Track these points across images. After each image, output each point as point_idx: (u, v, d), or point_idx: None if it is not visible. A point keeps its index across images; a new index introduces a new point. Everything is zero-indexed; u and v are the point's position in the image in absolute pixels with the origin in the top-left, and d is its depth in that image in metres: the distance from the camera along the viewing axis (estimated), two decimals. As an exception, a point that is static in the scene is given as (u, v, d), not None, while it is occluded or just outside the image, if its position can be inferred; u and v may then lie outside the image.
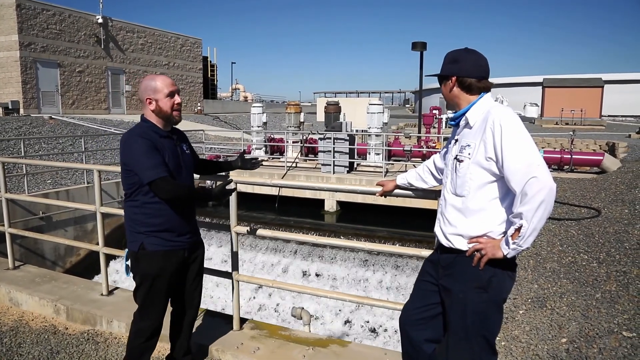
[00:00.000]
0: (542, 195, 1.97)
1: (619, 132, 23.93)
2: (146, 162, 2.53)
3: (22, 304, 4.40)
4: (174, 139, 2.78)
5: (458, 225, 2.24)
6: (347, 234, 11.21)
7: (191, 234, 2.87)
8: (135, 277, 2.80)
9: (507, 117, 2.09)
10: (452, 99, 2.33)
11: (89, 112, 23.53)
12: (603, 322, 4.26)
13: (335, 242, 5.59)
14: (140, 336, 2.84)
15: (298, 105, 16.43)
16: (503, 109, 2.15)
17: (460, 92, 2.28)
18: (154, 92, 2.67)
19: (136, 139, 2.59)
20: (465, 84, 2.25)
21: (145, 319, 2.82)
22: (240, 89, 58.59)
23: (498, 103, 2.24)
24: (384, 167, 12.81)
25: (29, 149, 13.43)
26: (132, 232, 2.73)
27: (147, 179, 2.53)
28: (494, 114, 2.12)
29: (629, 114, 43.34)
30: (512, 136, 2.05)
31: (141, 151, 2.55)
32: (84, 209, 4.81)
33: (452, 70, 2.27)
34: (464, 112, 2.27)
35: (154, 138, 2.63)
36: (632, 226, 6.71)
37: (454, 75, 2.26)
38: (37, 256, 9.49)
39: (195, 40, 32.48)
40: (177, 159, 2.74)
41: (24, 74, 20.76)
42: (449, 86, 2.30)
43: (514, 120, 2.08)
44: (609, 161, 12.35)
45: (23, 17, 20.59)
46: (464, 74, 2.24)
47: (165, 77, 2.72)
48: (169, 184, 2.57)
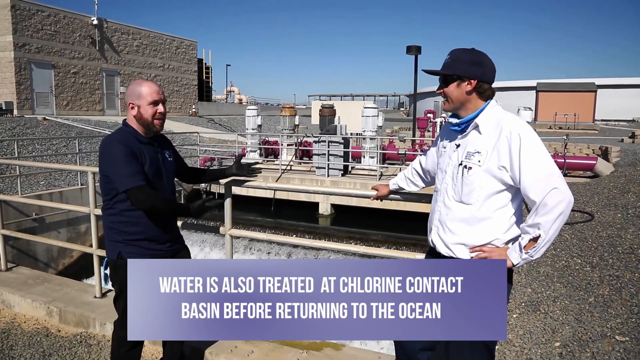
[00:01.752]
0: (562, 207, 1.94)
1: (612, 136, 24.07)
2: (123, 170, 2.47)
3: (14, 306, 4.37)
4: (155, 146, 2.70)
5: (461, 234, 2.18)
6: (342, 237, 11.21)
7: (172, 242, 2.81)
8: (114, 286, 2.74)
9: (525, 127, 2.05)
10: (464, 102, 2.19)
11: (83, 114, 23.45)
12: (596, 326, 4.28)
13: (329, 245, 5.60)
14: (124, 345, 2.77)
15: (293, 108, 16.46)
16: (518, 118, 2.10)
17: (474, 96, 2.17)
18: (137, 98, 2.59)
19: (115, 144, 2.52)
20: (483, 89, 2.16)
21: (126, 328, 2.77)
22: (235, 91, 58.59)
23: (505, 112, 2.18)
24: (379, 170, 12.84)
25: (23, 150, 13.36)
26: (110, 241, 2.67)
27: (123, 187, 2.48)
28: (510, 123, 2.07)
29: (622, 118, 43.62)
30: (531, 146, 2.00)
31: (119, 158, 2.48)
32: (77, 210, 4.79)
33: (476, 74, 2.14)
34: (473, 118, 2.18)
35: (133, 144, 2.56)
36: (624, 230, 6.74)
37: (477, 79, 2.14)
38: (30, 258, 9.44)
39: (191, 42, 32.47)
40: (157, 166, 2.67)
41: (18, 74, 20.68)
42: (464, 88, 2.16)
43: (532, 131, 2.04)
44: (602, 165, 12.43)
45: (17, 18, 20.52)
46: (486, 79, 2.16)
47: (152, 84, 2.64)
48: (145, 193, 2.49)
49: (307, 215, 12.94)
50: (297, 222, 12.65)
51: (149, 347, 3.59)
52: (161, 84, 29.55)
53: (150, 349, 3.57)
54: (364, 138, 13.96)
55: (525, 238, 2.01)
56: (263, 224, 12.41)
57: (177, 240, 2.90)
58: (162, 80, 29.62)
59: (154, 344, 3.63)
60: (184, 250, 2.96)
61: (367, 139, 13.81)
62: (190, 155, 16.11)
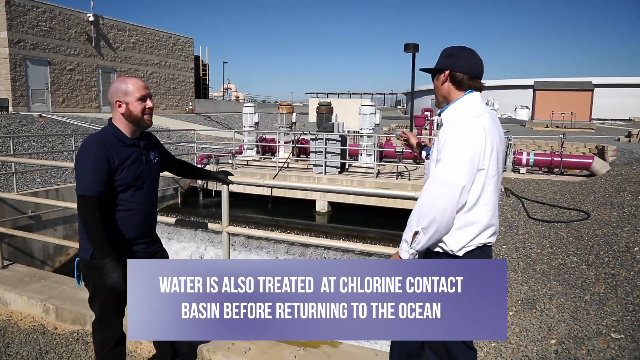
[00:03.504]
0: (424, 212, 2.11)
1: (609, 135, 24.14)
2: (86, 175, 2.44)
3: (10, 303, 4.36)
4: (140, 147, 2.65)
5: (411, 223, 2.26)
6: (339, 234, 11.22)
7: (147, 244, 2.76)
8: (87, 287, 2.71)
9: (455, 129, 2.13)
10: (443, 94, 2.33)
11: (79, 111, 23.37)
12: (592, 324, 4.30)
13: (326, 242, 5.61)
14: (106, 345, 2.73)
15: (290, 105, 16.42)
16: (462, 118, 2.17)
17: (451, 87, 2.28)
18: (124, 95, 2.55)
19: (90, 147, 2.48)
20: (457, 79, 2.25)
21: (105, 329, 2.72)
22: (232, 88, 58.46)
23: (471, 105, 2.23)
24: (376, 168, 12.84)
25: (18, 147, 13.31)
26: (83, 240, 2.62)
27: (77, 190, 2.46)
28: (452, 121, 2.19)
29: (618, 117, 43.77)
30: (449, 148, 2.10)
31: (87, 162, 2.45)
32: (73, 208, 4.76)
33: (446, 64, 2.27)
34: (443, 111, 2.32)
35: (115, 147, 2.52)
36: (620, 229, 6.77)
37: (448, 69, 2.26)
38: (26, 255, 9.41)
39: (187, 39, 32.37)
40: (139, 169, 2.62)
41: (14, 71, 20.57)
42: (441, 80, 2.30)
43: (460, 134, 2.11)
44: (598, 164, 12.46)
45: (12, 14, 20.40)
46: (457, 68, 2.24)
47: (137, 80, 2.60)
48: (89, 206, 2.44)
49: (304, 213, 12.94)
50: (294, 219, 12.64)
51: (146, 345, 3.59)
52: (158, 81, 29.47)
53: (147, 346, 3.57)
54: (361, 136, 13.96)
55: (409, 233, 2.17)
56: (260, 221, 12.40)
57: (154, 242, 2.86)
58: (158, 77, 29.53)
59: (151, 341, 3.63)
60: (160, 252, 2.90)
61: (364, 136, 13.80)
62: (187, 153, 16.08)
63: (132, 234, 2.65)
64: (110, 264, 2.44)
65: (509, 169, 13.41)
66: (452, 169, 2.06)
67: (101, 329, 2.72)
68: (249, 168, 14.66)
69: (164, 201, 13.58)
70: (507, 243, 6.71)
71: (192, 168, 3.33)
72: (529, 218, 7.97)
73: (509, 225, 7.59)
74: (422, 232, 2.10)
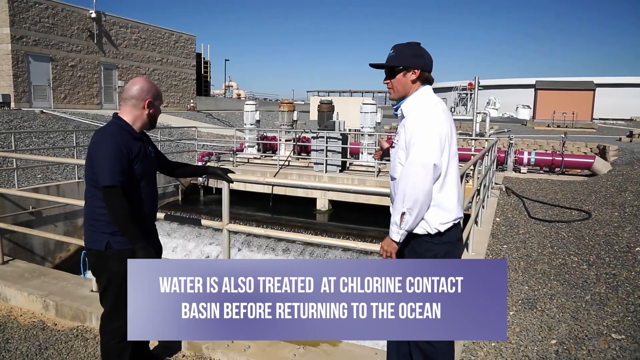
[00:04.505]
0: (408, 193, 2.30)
1: (610, 135, 24.10)
2: (109, 166, 2.52)
3: (10, 299, 4.36)
4: (144, 141, 2.80)
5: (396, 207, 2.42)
6: (339, 233, 11.21)
7: (152, 235, 2.89)
8: (100, 278, 2.74)
9: (423, 115, 2.35)
10: (407, 89, 2.49)
11: (80, 107, 23.36)
12: (592, 324, 4.29)
13: (327, 241, 5.60)
14: (115, 337, 2.76)
15: (291, 103, 16.41)
16: (425, 106, 2.40)
17: (418, 85, 2.48)
18: (154, 98, 2.73)
19: (109, 138, 2.58)
20: (424, 76, 2.48)
21: (116, 320, 2.72)
22: (234, 86, 58.45)
23: (428, 96, 2.46)
24: (376, 166, 12.83)
25: (20, 143, 13.31)
26: (94, 232, 2.67)
27: (102, 181, 2.52)
28: (415, 110, 2.40)
29: (620, 117, 43.70)
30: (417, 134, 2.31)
31: (109, 152, 2.54)
32: (74, 204, 4.77)
33: (417, 64, 2.46)
34: (402, 103, 2.50)
35: (127, 140, 2.63)
36: (621, 229, 6.76)
37: (419, 69, 2.46)
38: (26, 251, 9.41)
39: (189, 36, 32.33)
40: (147, 161, 2.76)
41: (16, 67, 20.56)
42: (409, 77, 2.47)
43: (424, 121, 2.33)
44: (599, 164, 12.45)
45: (15, 10, 20.39)
46: (427, 68, 2.48)
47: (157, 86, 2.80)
48: (117, 195, 2.53)
49: (305, 211, 12.93)
50: (295, 217, 12.63)
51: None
52: (159, 78, 29.44)
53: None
54: (362, 134, 13.94)
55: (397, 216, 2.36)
56: (261, 219, 12.39)
57: (156, 234, 3.00)
58: (160, 74, 29.51)
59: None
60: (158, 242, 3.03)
61: (366, 135, 13.79)
62: (189, 150, 16.07)
63: (141, 223, 2.73)
64: (143, 249, 2.57)
65: (510, 168, 13.40)
66: (424, 150, 2.27)
67: (112, 320, 2.76)
68: (250, 166, 14.66)
69: (165, 198, 13.57)
70: (508, 242, 6.70)
71: (186, 166, 3.41)
72: (530, 217, 7.96)
73: (510, 224, 7.58)
74: (408, 213, 2.29)
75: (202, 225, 3.79)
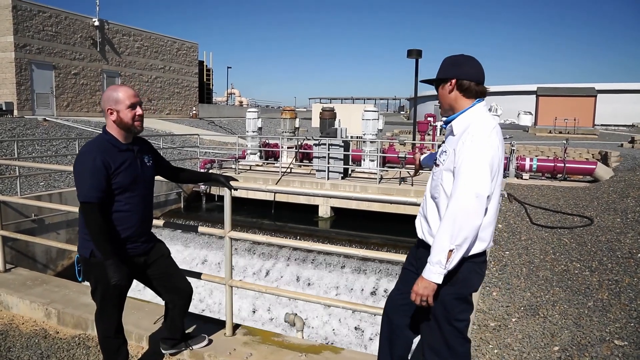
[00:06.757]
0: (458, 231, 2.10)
1: (612, 141, 24.09)
2: (85, 182, 2.60)
3: (12, 307, 4.36)
4: (134, 151, 2.81)
5: (433, 226, 2.32)
6: (341, 240, 11.19)
7: (143, 242, 2.94)
8: (89, 281, 2.88)
9: (479, 139, 2.14)
10: (449, 102, 2.33)
11: (83, 115, 23.45)
12: (595, 331, 4.28)
13: (329, 248, 5.59)
14: (108, 333, 2.96)
15: (293, 110, 16.43)
16: (482, 131, 2.17)
17: (458, 95, 2.29)
18: (115, 103, 2.69)
19: (88, 155, 2.62)
20: (464, 87, 2.27)
21: (105, 320, 2.94)
22: (236, 93, 58.64)
23: (484, 116, 2.26)
24: (379, 173, 12.83)
25: (22, 151, 13.36)
26: (83, 239, 2.81)
27: (79, 197, 2.62)
28: (470, 132, 2.17)
29: (621, 123, 43.66)
30: (471, 159, 2.11)
31: (85, 169, 2.60)
32: (76, 212, 4.77)
33: (453, 73, 2.28)
34: (452, 119, 2.32)
35: (110, 153, 2.67)
36: (624, 235, 6.74)
37: (454, 78, 2.27)
38: (28, 259, 9.42)
39: (192, 44, 32.48)
40: (135, 173, 2.78)
41: (19, 75, 20.68)
42: (447, 89, 2.31)
43: (484, 144, 2.13)
44: (601, 170, 12.43)
45: (19, 19, 20.53)
46: (463, 76, 2.26)
47: (127, 88, 2.75)
48: (90, 212, 2.62)
49: (307, 218, 12.91)
50: (297, 224, 12.62)
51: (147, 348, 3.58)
52: (162, 86, 29.56)
53: (150, 350, 3.56)
54: (364, 141, 13.95)
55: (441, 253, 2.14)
56: (263, 226, 12.38)
57: (150, 239, 3.03)
58: (162, 82, 29.62)
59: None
60: (157, 245, 3.10)
61: (368, 142, 13.80)
62: (191, 157, 16.10)
63: (129, 233, 2.81)
64: (112, 265, 2.63)
65: (512, 174, 13.38)
66: (479, 181, 2.09)
67: (102, 319, 2.95)
68: (252, 173, 14.67)
69: (167, 206, 13.58)
70: (510, 249, 6.69)
71: (190, 172, 3.47)
72: (532, 224, 7.94)
73: (512, 231, 7.56)
74: (457, 249, 2.10)
75: (204, 232, 3.79)
